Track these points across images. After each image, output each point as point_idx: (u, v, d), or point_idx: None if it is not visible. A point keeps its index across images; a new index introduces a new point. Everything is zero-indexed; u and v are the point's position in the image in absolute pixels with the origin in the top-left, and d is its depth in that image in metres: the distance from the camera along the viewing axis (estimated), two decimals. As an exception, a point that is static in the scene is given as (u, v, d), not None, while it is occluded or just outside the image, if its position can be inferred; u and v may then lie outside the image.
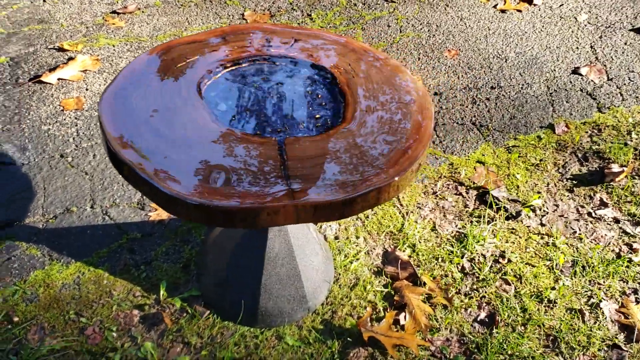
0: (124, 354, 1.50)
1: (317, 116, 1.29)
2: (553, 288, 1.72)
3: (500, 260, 1.80)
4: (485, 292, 1.71)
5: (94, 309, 1.59)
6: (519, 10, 2.90)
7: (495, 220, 1.91)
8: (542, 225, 1.92)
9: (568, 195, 2.02)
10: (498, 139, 2.20)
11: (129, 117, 1.19)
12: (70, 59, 2.36)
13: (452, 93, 2.37)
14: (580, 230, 1.91)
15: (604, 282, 1.75)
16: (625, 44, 2.71)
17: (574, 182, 2.07)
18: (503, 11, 2.88)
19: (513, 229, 1.90)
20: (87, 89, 2.26)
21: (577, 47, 2.68)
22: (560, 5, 2.96)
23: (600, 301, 1.70)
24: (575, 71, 2.53)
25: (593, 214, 1.96)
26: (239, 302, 1.57)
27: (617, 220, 1.94)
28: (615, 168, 2.08)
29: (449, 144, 2.17)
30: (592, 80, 2.50)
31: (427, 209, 1.95)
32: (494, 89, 2.39)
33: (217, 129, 1.19)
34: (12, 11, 2.62)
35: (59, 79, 2.26)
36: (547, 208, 1.98)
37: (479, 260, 1.79)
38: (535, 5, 2.94)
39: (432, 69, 2.48)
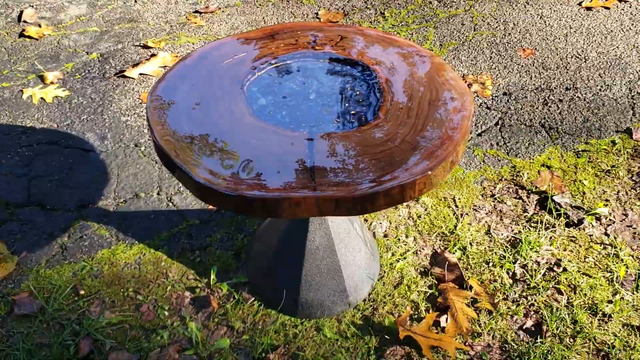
0: (173, 332, 1.60)
1: (353, 112, 1.31)
2: (610, 301, 1.62)
3: (555, 268, 1.72)
4: (535, 301, 1.64)
5: (151, 288, 1.71)
6: (607, 8, 2.73)
7: (555, 227, 1.83)
8: (607, 235, 1.81)
9: (640, 205, 1.89)
10: (567, 142, 2.10)
11: (173, 109, 1.27)
12: (153, 55, 2.53)
13: (522, 93, 2.29)
14: (649, 242, 1.78)
15: (669, 299, 1.63)
16: None
17: (648, 191, 1.93)
18: (589, 8, 2.73)
19: (573, 237, 1.81)
20: (165, 84, 2.41)
21: (670, 47, 2.49)
22: (656, 2, 2.76)
23: (663, 319, 1.58)
24: (665, 73, 2.36)
25: (667, 226, 1.82)
26: (281, 291, 1.63)
27: (694, 235, 1.79)
28: (698, 178, 1.92)
29: (514, 145, 2.10)
30: (683, 83, 2.31)
31: (484, 211, 1.90)
32: (568, 90, 2.28)
33: (252, 123, 1.25)
34: (106, 11, 2.85)
35: (140, 74, 2.44)
36: (614, 217, 1.86)
37: (532, 267, 1.73)
38: (626, 2, 2.76)
39: (504, 68, 2.40)
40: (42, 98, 2.33)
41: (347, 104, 1.33)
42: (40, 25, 2.74)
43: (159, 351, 1.57)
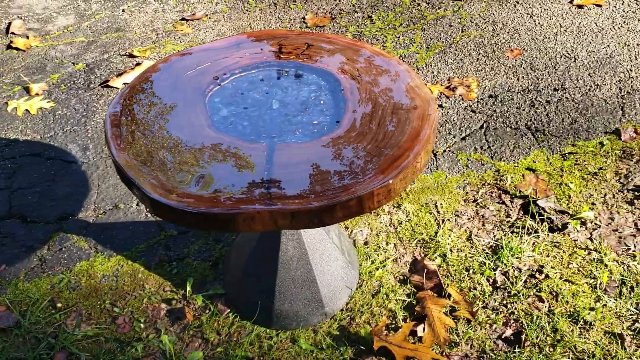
0: (147, 344, 1.59)
1: (315, 122, 1.28)
2: (592, 309, 1.58)
3: (537, 275, 1.68)
4: (515, 308, 1.61)
5: (127, 300, 1.70)
6: (599, 5, 2.67)
7: (538, 233, 1.79)
8: (592, 239, 1.77)
9: (627, 208, 1.84)
10: (554, 145, 2.05)
11: (132, 123, 1.26)
12: (138, 64, 2.53)
13: (509, 95, 2.25)
14: (635, 246, 1.74)
15: (654, 305, 1.58)
16: None
17: (636, 193, 1.88)
18: (580, 6, 2.68)
19: (557, 242, 1.77)
20: (150, 93, 2.40)
21: (663, 44, 2.43)
22: (650, -2, 2.70)
23: (646, 327, 1.54)
24: (656, 71, 2.30)
25: (654, 230, 1.77)
26: (256, 302, 1.61)
27: (681, 238, 1.74)
28: (687, 179, 1.87)
29: (498, 149, 2.06)
30: (675, 81, 2.26)
31: (465, 217, 1.87)
32: (556, 91, 2.24)
33: (211, 135, 1.23)
34: (94, 21, 2.85)
35: (124, 84, 2.43)
36: (600, 221, 1.82)
37: (513, 274, 1.69)
38: (618, -2, 2.71)
39: (491, 69, 2.36)
40: (26, 110, 2.33)
41: (310, 114, 1.30)
42: (27, 37, 2.75)
43: (133, 364, 1.56)
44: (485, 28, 2.59)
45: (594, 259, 1.71)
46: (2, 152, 2.17)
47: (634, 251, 1.72)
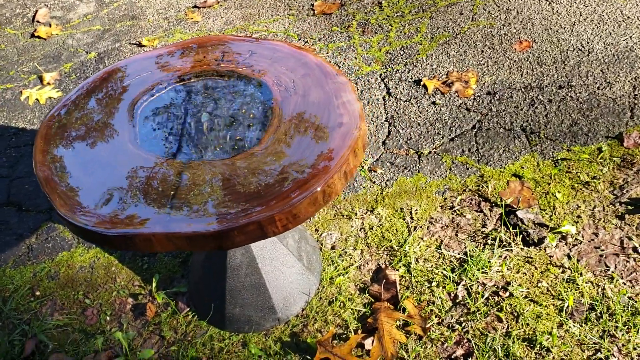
0: (108, 338, 1.66)
1: (238, 138, 1.27)
2: (551, 333, 1.49)
3: (501, 293, 1.60)
4: (471, 327, 1.54)
5: (98, 292, 1.78)
6: (629, -10, 2.44)
7: (512, 246, 1.70)
8: (569, 257, 1.65)
9: (615, 223, 1.70)
10: (547, 149, 1.92)
11: (59, 138, 1.30)
12: (144, 54, 2.58)
13: (508, 93, 2.11)
14: (616, 267, 1.61)
15: (621, 335, 1.47)
16: None
17: (629, 207, 1.73)
18: (608, -8, 2.45)
19: (530, 257, 1.67)
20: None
21: (697, 35, 2.18)
22: (692, -19, 2.42)
23: (608, 357, 1.43)
24: (682, 66, 2.08)
25: (640, 249, 1.64)
26: (210, 304, 1.64)
27: (669, 260, 1.60)
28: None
29: (487, 152, 1.95)
30: (701, 79, 2.03)
31: (439, 225, 1.80)
32: (561, 89, 2.07)
33: (130, 151, 1.24)
34: (112, 9, 2.92)
35: (128, 74, 2.49)
36: (583, 236, 1.69)
37: (476, 289, 1.62)
38: (654, -18, 2.45)
39: (494, 63, 2.22)
40: (37, 99, 2.45)
41: (235, 129, 1.29)
42: (50, 25, 2.87)
43: (93, 356, 1.64)
44: (497, 17, 2.43)
45: (567, 278, 1.60)
46: (9, 142, 2.29)
47: (612, 272, 1.60)
